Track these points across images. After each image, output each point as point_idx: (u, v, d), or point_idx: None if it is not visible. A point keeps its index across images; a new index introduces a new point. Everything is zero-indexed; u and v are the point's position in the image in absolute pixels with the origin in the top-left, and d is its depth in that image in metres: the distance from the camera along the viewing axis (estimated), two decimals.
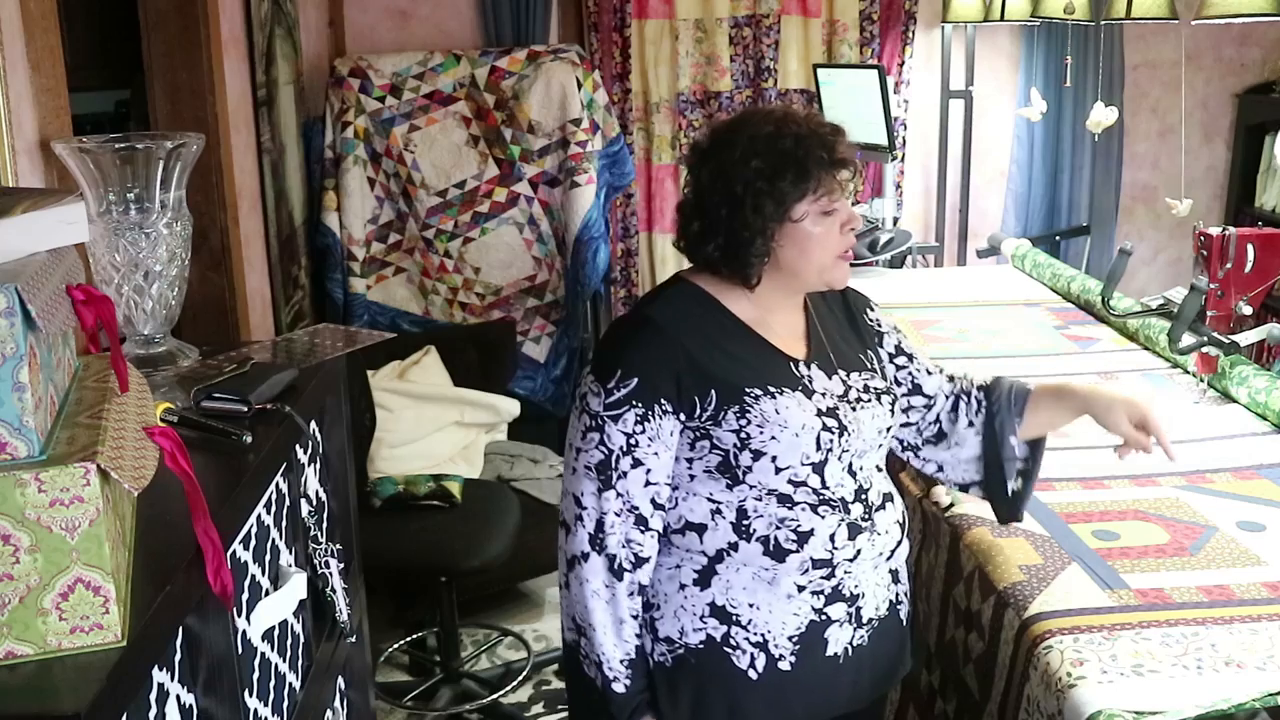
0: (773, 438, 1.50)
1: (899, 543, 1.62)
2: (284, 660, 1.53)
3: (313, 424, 1.76)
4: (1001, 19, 3.75)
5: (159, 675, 1.09)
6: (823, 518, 1.52)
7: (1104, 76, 4.07)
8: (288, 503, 1.61)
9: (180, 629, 1.14)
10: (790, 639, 1.54)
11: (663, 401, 1.50)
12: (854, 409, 1.56)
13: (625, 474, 1.51)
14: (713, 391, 1.50)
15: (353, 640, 1.87)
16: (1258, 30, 4.20)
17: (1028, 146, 4.27)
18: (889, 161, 3.74)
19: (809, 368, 1.57)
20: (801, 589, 1.53)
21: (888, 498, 1.62)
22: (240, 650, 1.31)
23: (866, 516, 1.56)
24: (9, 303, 0.95)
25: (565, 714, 2.45)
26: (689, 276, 1.61)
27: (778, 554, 1.52)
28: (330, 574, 1.71)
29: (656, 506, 1.53)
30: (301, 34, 3.55)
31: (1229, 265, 2.30)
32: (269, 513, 1.50)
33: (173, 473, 1.06)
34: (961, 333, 2.88)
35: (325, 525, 1.78)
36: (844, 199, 1.53)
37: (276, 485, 1.54)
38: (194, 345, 1.77)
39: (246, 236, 2.86)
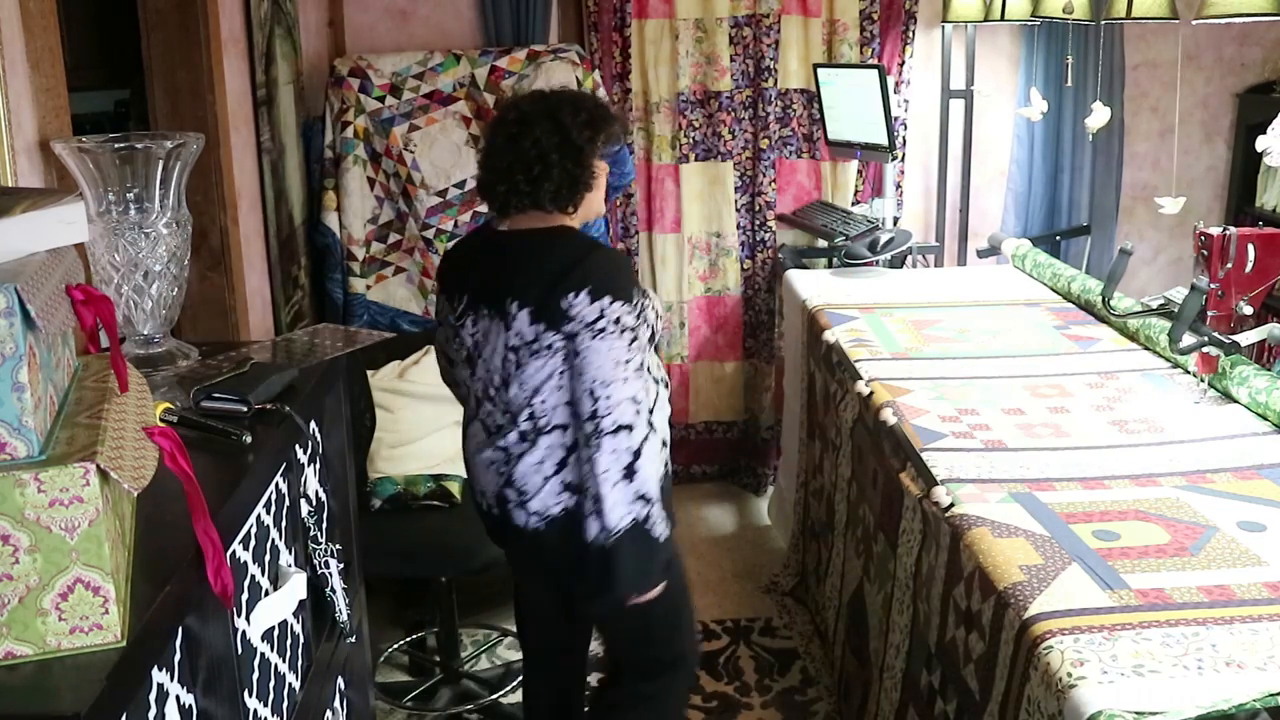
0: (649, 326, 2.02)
1: None
2: (284, 660, 1.53)
3: (313, 424, 1.76)
4: (1001, 19, 3.75)
5: (159, 675, 1.09)
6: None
7: (1104, 76, 4.06)
8: (287, 503, 1.61)
9: (180, 629, 1.14)
10: None
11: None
12: None
13: None
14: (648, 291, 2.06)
15: (353, 640, 1.87)
16: (1258, 30, 4.20)
17: (1028, 146, 4.26)
18: (889, 161, 3.73)
19: None
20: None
21: None
22: (240, 650, 1.31)
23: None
24: (8, 303, 0.94)
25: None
26: (544, 223, 2.05)
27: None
28: (330, 574, 1.71)
29: None
30: (301, 34, 3.55)
31: (1229, 265, 2.29)
32: (269, 513, 1.49)
33: (173, 473, 1.06)
34: (961, 333, 2.88)
35: (325, 525, 1.79)
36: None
37: (276, 485, 1.54)
38: (194, 345, 1.77)
39: (246, 236, 2.86)
